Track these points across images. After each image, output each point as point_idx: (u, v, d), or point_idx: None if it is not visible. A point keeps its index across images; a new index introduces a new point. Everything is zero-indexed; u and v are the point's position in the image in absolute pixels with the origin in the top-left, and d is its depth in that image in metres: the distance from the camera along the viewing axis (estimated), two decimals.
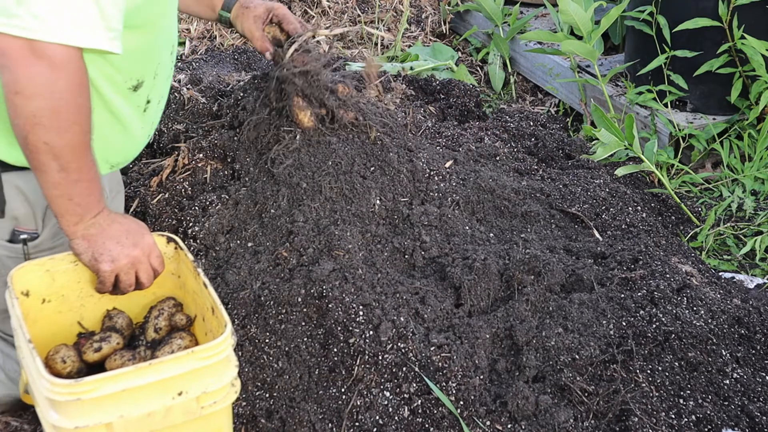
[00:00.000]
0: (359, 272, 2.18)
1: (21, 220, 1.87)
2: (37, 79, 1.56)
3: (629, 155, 3.16)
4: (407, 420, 1.98)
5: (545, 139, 3.20)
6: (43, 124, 1.59)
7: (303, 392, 2.03)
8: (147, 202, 2.50)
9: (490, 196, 2.61)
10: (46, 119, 1.59)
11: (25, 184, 1.84)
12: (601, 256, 2.44)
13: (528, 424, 1.98)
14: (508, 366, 2.11)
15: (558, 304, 2.21)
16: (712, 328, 2.18)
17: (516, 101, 3.98)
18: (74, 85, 1.61)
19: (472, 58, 4.32)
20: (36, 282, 1.84)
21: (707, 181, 3.21)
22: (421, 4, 4.59)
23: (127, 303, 1.97)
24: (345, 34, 4.40)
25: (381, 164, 2.46)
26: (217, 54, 3.90)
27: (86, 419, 1.55)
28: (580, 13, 3.27)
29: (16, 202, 1.83)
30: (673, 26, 3.21)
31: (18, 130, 1.61)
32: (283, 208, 2.32)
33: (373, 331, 2.05)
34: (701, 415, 2.02)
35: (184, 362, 1.60)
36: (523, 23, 4.06)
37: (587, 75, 3.63)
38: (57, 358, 1.80)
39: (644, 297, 2.24)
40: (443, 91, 3.49)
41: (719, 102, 3.34)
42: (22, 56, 1.55)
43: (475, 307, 2.24)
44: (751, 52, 3.10)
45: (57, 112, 1.60)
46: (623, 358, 2.09)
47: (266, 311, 2.10)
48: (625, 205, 2.79)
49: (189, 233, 2.35)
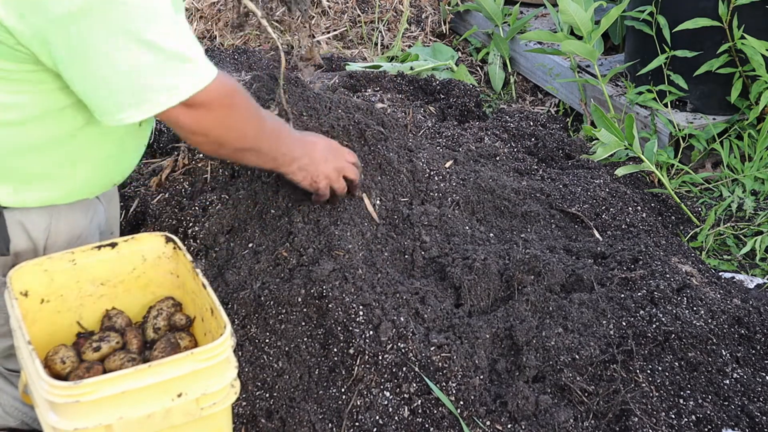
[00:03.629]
0: (359, 272, 2.18)
1: (22, 256, 1.87)
2: (206, 124, 1.73)
3: (629, 155, 3.16)
4: (407, 420, 1.98)
5: (545, 139, 3.20)
6: (234, 146, 1.81)
7: (303, 392, 2.03)
8: (147, 202, 2.50)
9: (490, 196, 2.61)
10: (235, 143, 1.80)
11: (27, 220, 1.84)
12: (601, 256, 2.44)
13: (528, 424, 1.98)
14: (508, 366, 2.11)
15: (558, 304, 2.21)
16: (712, 328, 2.17)
17: (516, 101, 3.98)
18: (229, 109, 1.76)
19: (472, 58, 4.32)
20: (35, 282, 1.84)
21: (707, 181, 3.21)
22: (421, 4, 4.59)
23: (126, 303, 1.97)
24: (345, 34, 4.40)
25: (381, 164, 2.46)
26: (217, 54, 3.90)
27: (86, 421, 1.54)
28: (580, 13, 3.27)
29: (19, 239, 1.84)
30: (673, 26, 3.21)
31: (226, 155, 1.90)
32: (283, 208, 2.32)
33: (373, 331, 2.05)
34: (701, 415, 2.02)
35: (184, 364, 1.60)
36: (523, 23, 4.05)
37: (587, 75, 3.63)
38: (56, 358, 1.80)
39: (644, 297, 2.24)
40: (443, 91, 3.49)
41: (719, 102, 3.34)
42: (182, 115, 1.68)
43: (475, 307, 2.24)
44: (751, 52, 3.09)
45: (241, 136, 1.80)
46: (623, 358, 2.09)
47: (266, 311, 2.10)
48: (625, 205, 2.79)
49: (189, 233, 2.34)
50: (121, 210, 2.55)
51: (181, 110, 1.66)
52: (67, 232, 1.90)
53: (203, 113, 1.69)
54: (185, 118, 1.68)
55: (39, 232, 1.85)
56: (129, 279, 1.95)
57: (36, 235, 1.85)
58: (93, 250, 1.88)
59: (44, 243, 1.87)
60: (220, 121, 1.74)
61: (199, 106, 1.68)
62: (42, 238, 1.86)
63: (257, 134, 1.86)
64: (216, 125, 1.74)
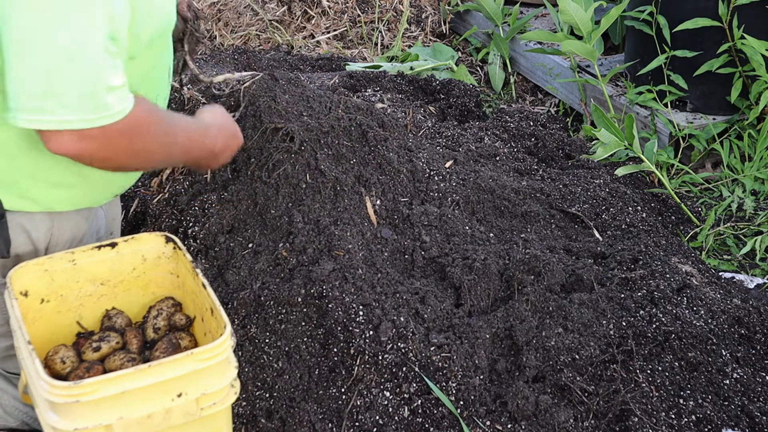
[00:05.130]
0: (359, 272, 2.18)
1: (22, 258, 1.86)
2: (107, 153, 1.61)
3: (629, 155, 3.16)
4: (407, 420, 1.98)
5: (545, 139, 3.20)
6: (152, 161, 1.75)
7: (303, 392, 2.03)
8: (147, 202, 2.50)
9: (490, 196, 2.61)
10: (150, 159, 1.72)
11: (29, 224, 1.84)
12: (601, 256, 2.44)
13: (528, 424, 1.98)
14: (508, 366, 2.11)
15: (558, 304, 2.21)
16: (712, 328, 2.17)
17: (516, 101, 3.98)
18: (136, 129, 1.63)
19: (472, 58, 4.32)
20: (35, 282, 1.84)
21: (707, 181, 3.21)
22: (421, 4, 4.59)
23: (126, 303, 1.97)
24: (345, 34, 4.40)
25: (381, 164, 2.46)
26: (216, 54, 3.90)
27: (86, 421, 1.54)
28: (580, 13, 3.27)
29: (19, 241, 1.84)
30: (673, 26, 3.21)
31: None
32: (283, 208, 2.32)
33: (373, 331, 2.05)
34: (701, 415, 2.02)
35: (184, 364, 1.60)
36: (523, 23, 4.05)
37: (587, 75, 3.63)
38: (56, 358, 1.80)
39: (644, 297, 2.24)
40: (443, 91, 3.49)
41: (719, 102, 3.34)
42: (71, 146, 1.56)
43: (475, 307, 2.24)
44: (751, 52, 3.09)
45: (149, 152, 1.69)
46: (623, 358, 2.09)
47: (266, 311, 2.10)
48: (625, 205, 2.79)
49: (189, 233, 2.34)
50: (121, 210, 2.55)
51: (71, 137, 1.55)
52: (68, 236, 1.90)
53: (103, 144, 1.58)
54: (73, 146, 1.56)
55: (41, 234, 1.85)
56: (129, 279, 1.95)
57: (37, 238, 1.85)
58: (93, 250, 1.88)
59: (45, 246, 1.87)
60: (119, 152, 1.63)
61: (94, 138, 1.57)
62: (44, 240, 1.86)
63: (172, 146, 1.76)
64: (112, 155, 1.62)
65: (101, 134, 1.55)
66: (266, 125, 2.41)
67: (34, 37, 1.48)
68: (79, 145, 1.56)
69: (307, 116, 2.44)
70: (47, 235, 1.86)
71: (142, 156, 1.69)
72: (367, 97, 3.19)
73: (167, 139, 1.74)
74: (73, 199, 1.86)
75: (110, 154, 1.61)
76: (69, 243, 1.90)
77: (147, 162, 1.76)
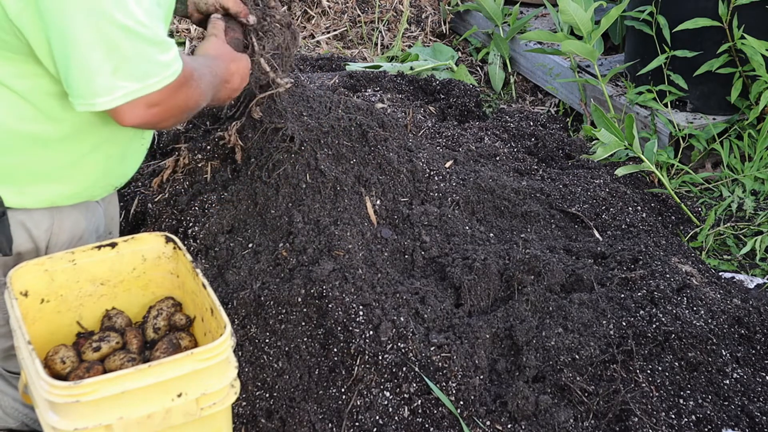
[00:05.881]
0: (359, 272, 2.18)
1: (24, 257, 1.87)
2: (173, 111, 1.72)
3: (629, 155, 3.16)
4: (407, 420, 1.98)
5: (545, 139, 3.20)
6: (201, 105, 1.81)
7: (303, 392, 2.03)
8: (147, 202, 2.50)
9: (490, 196, 2.61)
10: (199, 103, 1.80)
11: (30, 221, 1.84)
12: (601, 256, 2.44)
13: (528, 424, 1.98)
14: (508, 366, 2.11)
15: (558, 304, 2.21)
16: (712, 328, 2.17)
17: (516, 101, 3.98)
18: (189, 81, 1.72)
19: (472, 58, 4.32)
20: (35, 282, 1.84)
21: (707, 181, 3.21)
22: (421, 4, 4.59)
23: (126, 303, 1.97)
24: (345, 34, 4.40)
25: (381, 164, 2.46)
26: None
27: (86, 421, 1.54)
28: (580, 13, 3.27)
29: (21, 239, 1.84)
30: (673, 26, 3.21)
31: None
32: (283, 208, 2.32)
33: (373, 331, 2.05)
34: (701, 415, 2.02)
35: (184, 364, 1.60)
36: (523, 23, 4.05)
37: (587, 75, 3.63)
38: (56, 358, 1.80)
39: (644, 297, 2.24)
40: (443, 91, 3.49)
41: (719, 102, 3.34)
42: (143, 113, 1.66)
43: (475, 307, 2.24)
44: (751, 52, 3.09)
45: (203, 96, 1.79)
46: (623, 358, 2.09)
47: (266, 311, 2.10)
48: (625, 205, 2.79)
49: (189, 233, 2.34)
50: (121, 210, 2.55)
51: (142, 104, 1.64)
52: (68, 234, 1.90)
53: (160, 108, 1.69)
54: (143, 114, 1.66)
55: (41, 232, 1.85)
56: (129, 279, 1.95)
57: (38, 235, 1.85)
58: (93, 250, 1.88)
59: (46, 244, 1.88)
60: (184, 101, 1.74)
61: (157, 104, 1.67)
62: (44, 238, 1.87)
63: (203, 99, 1.87)
64: (171, 113, 1.74)
65: (166, 94, 1.65)
66: (266, 125, 2.41)
67: (87, 24, 1.53)
68: (150, 111, 1.65)
69: (307, 116, 2.44)
70: (47, 233, 1.86)
71: (198, 101, 1.78)
72: (367, 97, 3.19)
73: (209, 78, 1.84)
74: (72, 192, 1.86)
75: (175, 111, 1.71)
76: (69, 241, 1.91)
77: (198, 107, 1.82)
